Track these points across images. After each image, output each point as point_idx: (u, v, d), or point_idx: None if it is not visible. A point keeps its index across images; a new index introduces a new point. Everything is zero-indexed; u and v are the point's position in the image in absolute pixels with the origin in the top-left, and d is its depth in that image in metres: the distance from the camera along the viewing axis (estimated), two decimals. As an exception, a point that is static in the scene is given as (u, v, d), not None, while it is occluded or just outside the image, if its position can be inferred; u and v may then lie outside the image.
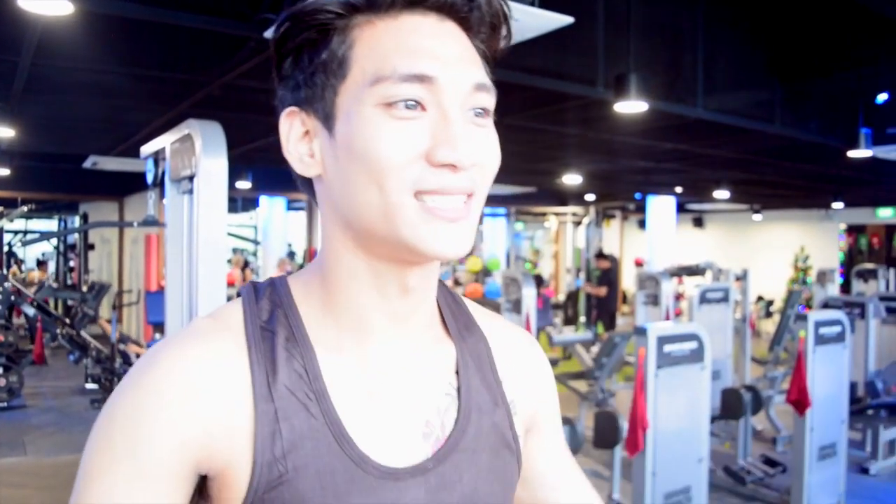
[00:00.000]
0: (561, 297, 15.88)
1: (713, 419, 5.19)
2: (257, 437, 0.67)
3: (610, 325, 11.87)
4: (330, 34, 0.69)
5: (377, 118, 0.66)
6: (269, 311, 0.73)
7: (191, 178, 2.69)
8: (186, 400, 0.67)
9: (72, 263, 15.01)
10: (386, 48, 0.67)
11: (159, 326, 7.19)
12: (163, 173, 3.04)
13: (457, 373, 0.79)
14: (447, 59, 0.67)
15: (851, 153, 6.06)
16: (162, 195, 3.09)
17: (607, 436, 4.45)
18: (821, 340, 4.87)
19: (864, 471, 5.89)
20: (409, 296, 0.74)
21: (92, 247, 14.11)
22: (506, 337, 0.87)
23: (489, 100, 0.70)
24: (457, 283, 12.58)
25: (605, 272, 11.90)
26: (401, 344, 0.76)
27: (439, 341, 0.80)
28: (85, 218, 14.43)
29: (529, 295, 6.47)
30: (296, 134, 0.72)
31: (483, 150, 0.69)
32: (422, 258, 0.70)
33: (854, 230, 16.76)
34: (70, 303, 10.57)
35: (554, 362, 8.24)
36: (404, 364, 0.76)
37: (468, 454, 0.75)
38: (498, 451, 0.79)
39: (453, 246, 0.67)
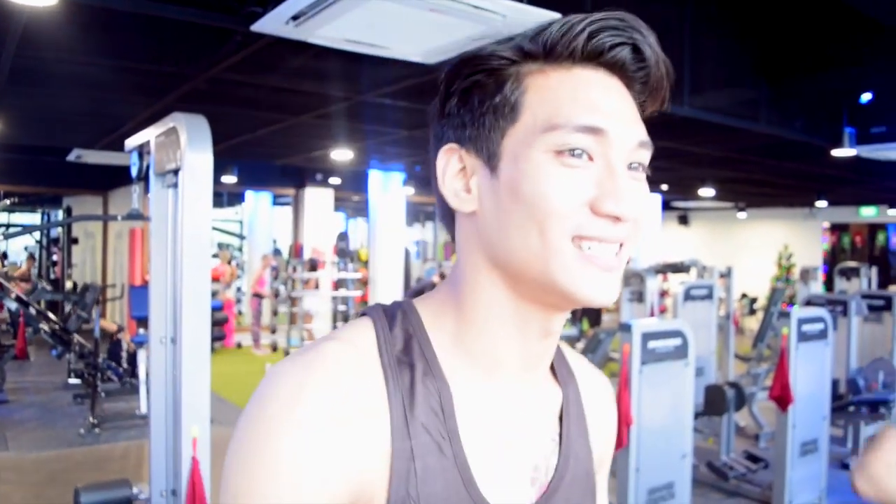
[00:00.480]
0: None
1: (696, 415, 5.23)
2: (394, 473, 0.67)
3: (595, 321, 11.91)
4: (502, 78, 0.72)
5: (546, 164, 0.68)
6: (404, 340, 0.73)
7: (176, 172, 2.66)
8: (341, 436, 0.66)
9: (55, 258, 14.91)
10: (560, 98, 0.69)
11: (143, 321, 7.15)
12: (147, 167, 3.01)
13: (560, 418, 0.82)
14: (617, 115, 0.70)
15: (835, 152, 6.11)
16: (146, 189, 3.06)
17: (592, 432, 4.47)
18: (803, 337, 4.91)
19: (845, 467, 5.95)
20: (549, 339, 0.77)
21: (75, 241, 14.01)
22: (590, 382, 0.90)
23: (646, 155, 0.73)
24: (443, 276, 12.58)
25: None
26: (525, 384, 0.78)
27: (550, 384, 0.83)
28: (68, 212, 14.33)
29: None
30: (452, 169, 0.74)
31: (641, 205, 0.71)
32: (572, 303, 0.71)
33: (837, 229, 16.91)
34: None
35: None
36: (525, 404, 0.78)
37: (564, 499, 0.78)
38: (585, 495, 0.82)
39: (606, 293, 0.70)
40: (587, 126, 0.68)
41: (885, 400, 5.96)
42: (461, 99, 0.74)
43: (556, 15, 2.89)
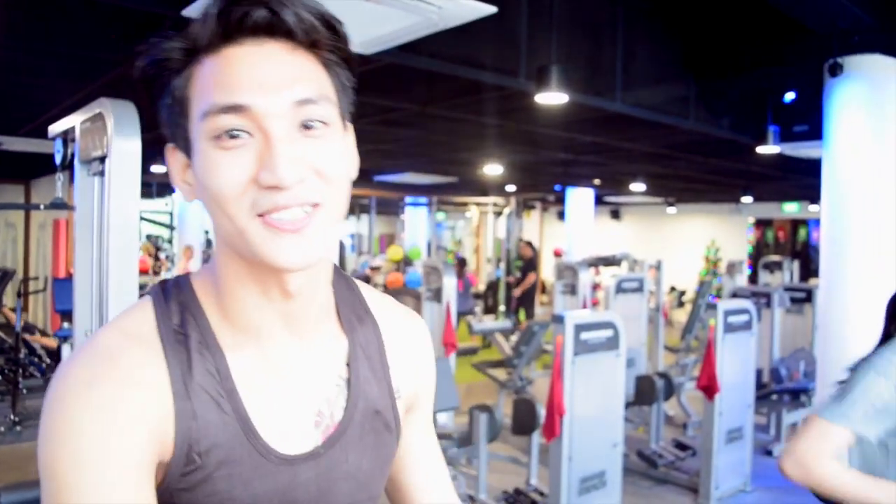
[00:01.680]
0: (482, 287, 16.02)
1: (627, 405, 5.33)
2: (178, 431, 0.74)
3: (532, 312, 12.06)
4: (170, 77, 0.75)
5: (209, 151, 0.72)
6: (180, 314, 0.79)
7: (102, 160, 2.58)
8: (130, 409, 0.72)
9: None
10: (208, 84, 0.72)
11: (67, 314, 6.92)
12: (72, 154, 2.91)
13: (347, 364, 0.87)
14: (262, 84, 0.71)
15: (760, 149, 6.30)
16: (71, 177, 2.96)
17: (525, 422, 4.53)
18: (729, 328, 5.06)
19: (768, 453, 6.16)
20: (294, 299, 0.80)
21: (-5, 232, 13.46)
22: (396, 322, 0.96)
23: (319, 110, 0.73)
24: (374, 268, 12.54)
25: (529, 261, 12.12)
26: (293, 342, 0.83)
27: (332, 335, 0.88)
28: (-13, 201, 13.75)
29: (450, 285, 6.51)
30: (178, 166, 0.79)
31: (317, 161, 0.73)
32: (275, 269, 0.74)
33: (762, 224, 17.47)
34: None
35: (474, 350, 8.32)
36: (298, 360, 0.83)
37: (354, 438, 0.85)
38: (380, 433, 0.88)
39: (295, 256, 0.72)
40: (227, 106, 0.70)
41: (805, 388, 6.19)
42: (158, 103, 0.78)
43: (491, 8, 2.91)
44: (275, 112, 0.70)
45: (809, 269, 14.74)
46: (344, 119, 0.79)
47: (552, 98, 4.19)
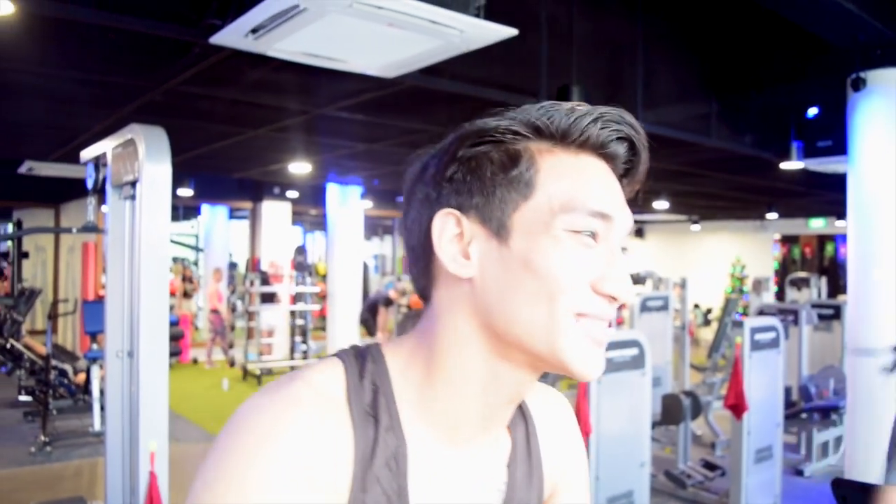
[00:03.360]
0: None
1: (654, 424, 5.30)
2: None
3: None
4: (514, 153, 0.74)
5: (563, 242, 0.72)
6: (372, 393, 0.75)
7: (133, 184, 2.64)
8: (308, 478, 0.69)
9: (4, 272, 14.54)
10: (574, 182, 0.73)
11: (96, 336, 7.03)
12: (104, 179, 2.98)
13: (508, 466, 0.84)
14: (618, 203, 0.76)
15: (784, 165, 6.27)
16: (101, 201, 3.03)
17: (551, 442, 4.51)
18: (756, 346, 5.02)
19: (799, 473, 6.07)
20: (513, 405, 0.80)
21: (26, 255, 13.69)
22: (547, 411, 0.93)
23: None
24: (399, 292, 12.57)
25: None
26: (478, 441, 0.80)
27: (503, 433, 0.85)
28: (18, 225, 14.00)
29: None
30: (448, 233, 0.75)
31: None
32: (566, 373, 0.74)
33: (787, 240, 17.30)
34: None
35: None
36: (475, 461, 0.81)
37: None
38: None
39: (599, 367, 0.74)
40: (599, 212, 0.72)
41: (835, 406, 6.11)
42: (468, 167, 0.75)
43: (512, 31, 2.94)
44: (622, 230, 0.76)
45: (837, 285, 14.56)
46: None
47: (574, 117, 4.21)
